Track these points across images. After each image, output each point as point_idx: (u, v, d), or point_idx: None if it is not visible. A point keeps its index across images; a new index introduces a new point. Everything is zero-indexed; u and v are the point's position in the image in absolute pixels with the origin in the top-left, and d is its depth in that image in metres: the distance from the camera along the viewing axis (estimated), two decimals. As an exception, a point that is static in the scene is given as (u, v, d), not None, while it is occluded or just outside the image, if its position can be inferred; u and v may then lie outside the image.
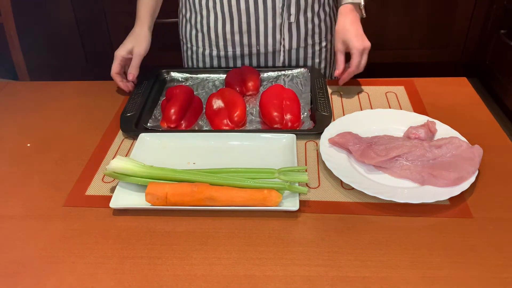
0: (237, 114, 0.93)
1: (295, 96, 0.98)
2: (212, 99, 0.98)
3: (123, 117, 0.96)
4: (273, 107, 0.94)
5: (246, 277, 0.65)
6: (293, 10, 1.07)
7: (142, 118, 0.97)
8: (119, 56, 1.06)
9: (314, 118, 0.94)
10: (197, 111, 0.99)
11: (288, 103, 0.96)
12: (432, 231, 0.71)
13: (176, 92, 0.98)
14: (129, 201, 0.76)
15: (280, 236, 0.71)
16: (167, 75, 1.14)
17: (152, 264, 0.67)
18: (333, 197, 0.77)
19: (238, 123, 0.94)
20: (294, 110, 0.95)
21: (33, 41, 2.53)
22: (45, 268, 0.67)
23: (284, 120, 0.93)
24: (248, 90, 1.05)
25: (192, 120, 0.97)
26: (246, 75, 1.07)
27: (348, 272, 0.65)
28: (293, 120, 0.93)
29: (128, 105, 0.99)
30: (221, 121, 0.94)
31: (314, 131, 0.91)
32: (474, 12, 2.47)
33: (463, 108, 1.00)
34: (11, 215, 0.77)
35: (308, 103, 1.01)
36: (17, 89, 1.14)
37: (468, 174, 0.78)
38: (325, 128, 0.90)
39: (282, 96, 0.97)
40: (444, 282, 0.64)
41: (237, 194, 0.74)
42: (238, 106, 0.95)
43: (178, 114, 0.95)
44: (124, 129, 0.93)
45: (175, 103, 0.95)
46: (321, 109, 0.96)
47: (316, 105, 0.98)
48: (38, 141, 0.94)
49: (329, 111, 0.95)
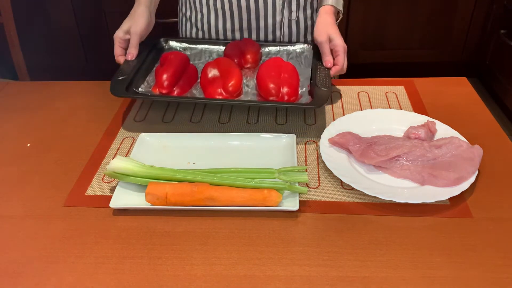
0: (232, 83, 0.91)
1: (295, 70, 0.95)
2: (208, 68, 0.95)
3: (114, 80, 0.93)
4: (270, 79, 0.91)
5: (246, 277, 0.65)
6: (293, 7, 1.07)
7: (134, 83, 0.94)
8: (117, 38, 1.04)
9: (312, 94, 0.91)
10: (191, 80, 0.96)
11: (287, 76, 0.92)
12: (432, 231, 0.71)
13: (170, 58, 0.96)
14: (129, 201, 0.76)
15: (280, 236, 0.71)
16: (165, 43, 1.11)
17: (152, 264, 0.67)
18: (333, 197, 0.77)
19: (232, 92, 0.91)
20: (292, 83, 0.91)
21: (33, 41, 2.53)
22: (45, 268, 0.67)
23: (281, 93, 0.90)
24: (247, 63, 1.02)
25: (186, 88, 0.94)
26: (245, 48, 1.04)
27: (348, 272, 0.65)
28: (290, 93, 0.90)
29: (121, 69, 0.96)
30: (215, 90, 0.92)
31: (311, 105, 0.89)
32: (474, 12, 2.47)
33: (463, 108, 1.00)
34: (11, 215, 0.77)
35: (308, 79, 0.98)
36: (17, 89, 1.14)
37: (468, 174, 0.78)
38: (323, 103, 0.87)
39: (281, 68, 0.94)
40: (444, 282, 0.64)
41: (237, 194, 0.74)
42: (234, 75, 0.92)
43: (171, 80, 0.92)
44: (114, 91, 0.90)
45: (169, 68, 0.93)
46: (320, 84, 0.93)
47: (315, 80, 0.94)
48: (38, 141, 0.94)
49: (329, 87, 0.92)
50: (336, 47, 0.99)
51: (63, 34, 2.56)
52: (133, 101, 1.05)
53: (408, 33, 2.52)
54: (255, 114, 0.99)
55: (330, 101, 1.03)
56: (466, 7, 2.45)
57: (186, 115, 1.00)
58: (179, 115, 1.00)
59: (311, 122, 0.96)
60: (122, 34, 1.03)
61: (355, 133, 0.87)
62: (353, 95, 1.05)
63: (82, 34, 2.56)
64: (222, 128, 0.96)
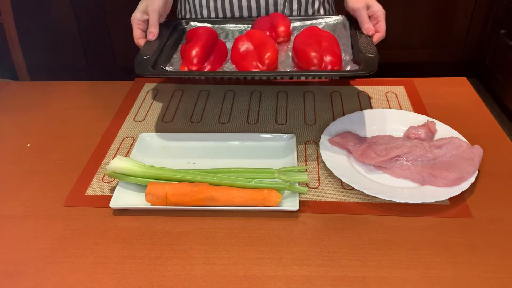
0: (268, 55, 0.84)
1: (334, 38, 0.87)
2: (239, 42, 0.87)
3: (138, 59, 0.85)
4: (310, 47, 0.83)
5: (246, 277, 0.65)
6: (295, 6, 1.07)
7: (158, 62, 0.87)
8: (134, 20, 0.96)
9: (358, 62, 0.83)
10: (221, 56, 0.89)
11: (327, 44, 0.85)
12: (432, 231, 0.71)
13: (198, 33, 0.88)
14: (129, 201, 0.76)
15: (280, 236, 0.71)
16: (186, 24, 1.03)
17: (152, 264, 0.67)
18: (333, 197, 0.77)
19: (269, 65, 0.84)
20: (335, 51, 0.84)
21: (33, 41, 2.53)
22: (45, 268, 0.67)
23: (324, 62, 0.83)
24: (279, 36, 0.94)
25: (217, 65, 0.86)
26: (276, 21, 0.96)
27: (348, 272, 0.65)
28: (334, 62, 0.83)
29: (143, 50, 0.89)
30: (250, 63, 0.84)
31: (361, 72, 0.80)
32: (474, 12, 2.47)
33: (463, 108, 1.00)
34: (11, 215, 0.77)
35: (348, 48, 0.90)
36: (17, 89, 1.14)
37: (468, 174, 0.78)
38: (374, 69, 0.79)
39: (319, 37, 0.86)
40: (444, 282, 0.64)
41: (237, 194, 0.74)
42: (269, 47, 0.85)
43: (201, 55, 0.84)
44: (140, 70, 0.83)
45: (197, 43, 0.85)
46: (365, 50, 0.85)
47: (359, 47, 0.87)
48: (38, 141, 0.94)
49: (375, 53, 0.84)
50: (376, 13, 0.94)
51: (63, 34, 2.56)
52: (133, 99, 1.05)
53: (408, 33, 2.52)
54: (255, 114, 0.99)
55: (330, 101, 1.03)
56: (466, 7, 2.45)
57: (186, 115, 1.00)
58: (179, 115, 1.00)
59: (311, 122, 0.96)
60: (140, 14, 0.96)
61: (355, 133, 0.87)
62: (353, 95, 1.05)
63: (82, 34, 2.56)
64: (222, 128, 0.96)
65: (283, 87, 1.08)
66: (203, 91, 1.07)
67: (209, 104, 1.03)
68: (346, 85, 1.08)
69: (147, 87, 1.10)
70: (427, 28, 2.51)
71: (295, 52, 0.86)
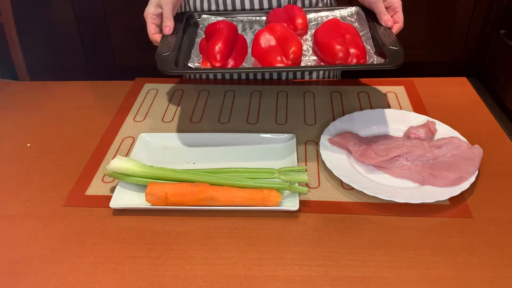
0: (293, 49, 0.81)
1: (356, 31, 0.85)
2: (260, 36, 0.84)
3: (159, 57, 0.82)
4: (335, 40, 0.81)
5: (246, 277, 0.65)
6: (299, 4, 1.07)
7: (180, 59, 0.84)
8: (149, 14, 0.92)
9: (382, 54, 0.81)
10: (242, 51, 0.86)
11: (350, 37, 0.83)
12: (432, 231, 0.71)
13: (219, 27, 0.86)
14: (129, 201, 0.76)
15: (280, 236, 0.71)
16: (199, 17, 1.01)
17: (152, 264, 0.67)
18: (333, 197, 0.77)
19: (294, 59, 0.81)
20: (359, 44, 0.81)
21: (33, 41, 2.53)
22: (45, 268, 0.67)
23: (350, 55, 0.80)
24: (297, 29, 0.91)
25: (239, 60, 0.84)
26: (292, 13, 0.93)
27: (348, 272, 0.65)
28: (359, 56, 0.80)
29: (162, 47, 0.86)
30: (274, 58, 0.82)
31: (389, 65, 0.77)
32: (474, 12, 2.47)
33: (463, 108, 1.00)
34: (11, 215, 0.77)
35: (368, 40, 0.88)
36: (17, 89, 1.14)
37: (468, 174, 0.78)
38: (401, 62, 0.78)
39: (342, 30, 0.84)
40: (444, 282, 0.64)
41: (237, 194, 0.74)
42: (293, 41, 0.82)
43: (225, 51, 0.82)
44: (163, 67, 0.79)
45: (220, 38, 0.83)
46: (388, 43, 0.83)
47: (381, 40, 0.84)
48: (38, 141, 0.94)
49: (399, 45, 0.82)
50: (393, 4, 0.93)
51: (63, 34, 2.56)
52: (133, 99, 1.05)
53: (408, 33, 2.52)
54: (255, 114, 0.99)
55: (330, 101, 1.03)
56: (466, 7, 2.45)
57: (186, 115, 1.00)
58: (179, 115, 1.00)
59: (311, 122, 0.96)
60: (153, 8, 0.92)
61: (355, 133, 0.87)
62: (353, 95, 1.05)
63: (82, 34, 2.56)
64: (222, 128, 0.96)
65: (283, 87, 1.08)
66: (203, 91, 1.07)
67: (209, 104, 1.03)
68: (346, 85, 1.08)
69: (147, 87, 1.10)
70: (427, 28, 2.51)
71: (318, 45, 0.84)
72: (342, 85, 1.08)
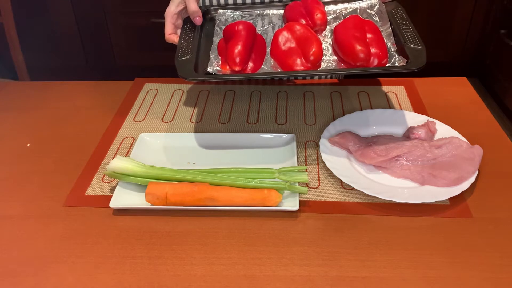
0: (313, 51, 0.78)
1: (377, 28, 0.82)
2: (279, 36, 0.82)
3: (178, 61, 0.80)
4: (356, 40, 0.78)
5: (246, 277, 0.65)
6: None
7: (199, 62, 0.82)
8: (169, 14, 0.90)
9: (404, 53, 0.79)
10: (261, 52, 0.84)
11: (372, 36, 0.80)
12: (432, 231, 0.71)
13: (238, 29, 0.84)
14: (129, 201, 0.76)
15: (280, 236, 0.71)
16: (215, 13, 0.98)
17: (152, 264, 0.67)
18: (333, 197, 0.77)
19: (314, 62, 0.79)
20: (380, 44, 0.79)
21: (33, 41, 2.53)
22: (45, 268, 0.67)
23: (371, 57, 0.78)
24: (315, 25, 0.88)
25: (259, 63, 0.82)
26: (311, 6, 0.90)
27: (348, 272, 0.65)
28: (381, 56, 0.78)
29: (180, 49, 0.83)
30: (294, 61, 0.79)
31: (410, 68, 0.75)
32: (474, 12, 2.47)
33: (463, 108, 1.00)
34: (11, 215, 0.77)
35: (388, 36, 0.85)
36: (17, 89, 1.14)
37: (468, 174, 0.78)
38: (423, 63, 0.76)
39: (363, 29, 0.81)
40: (444, 282, 0.64)
41: (237, 194, 0.74)
42: (313, 41, 0.79)
43: (244, 55, 0.80)
44: (183, 74, 0.77)
45: (238, 41, 0.80)
46: (410, 41, 0.80)
47: (403, 38, 0.81)
48: (38, 141, 0.94)
49: (421, 44, 0.79)
50: None
51: (63, 34, 2.56)
52: (133, 99, 1.05)
53: (408, 33, 2.52)
54: (255, 114, 0.99)
55: (330, 101, 1.03)
56: (466, 7, 2.45)
57: (186, 115, 1.00)
58: (179, 115, 1.00)
59: (311, 122, 0.96)
60: (175, 7, 0.91)
61: (355, 133, 0.87)
62: (353, 95, 1.05)
63: (82, 34, 2.56)
64: (222, 128, 0.96)
65: (283, 87, 1.08)
66: (203, 91, 1.07)
67: (209, 104, 1.03)
68: (346, 85, 1.08)
69: (147, 87, 1.10)
70: (427, 28, 2.51)
71: (338, 44, 0.81)
72: (342, 85, 1.08)
